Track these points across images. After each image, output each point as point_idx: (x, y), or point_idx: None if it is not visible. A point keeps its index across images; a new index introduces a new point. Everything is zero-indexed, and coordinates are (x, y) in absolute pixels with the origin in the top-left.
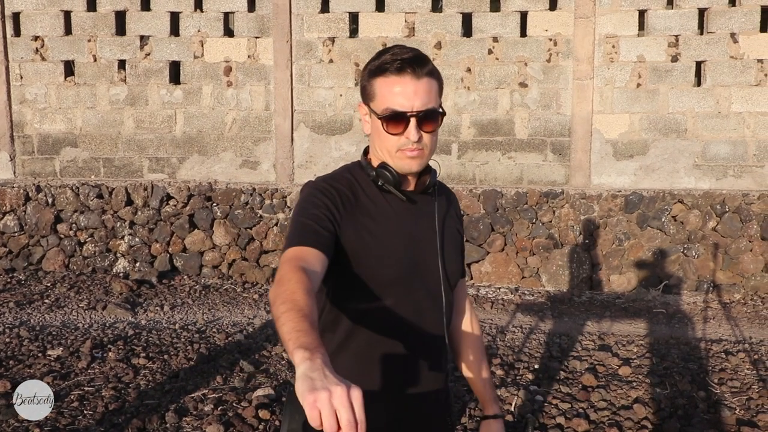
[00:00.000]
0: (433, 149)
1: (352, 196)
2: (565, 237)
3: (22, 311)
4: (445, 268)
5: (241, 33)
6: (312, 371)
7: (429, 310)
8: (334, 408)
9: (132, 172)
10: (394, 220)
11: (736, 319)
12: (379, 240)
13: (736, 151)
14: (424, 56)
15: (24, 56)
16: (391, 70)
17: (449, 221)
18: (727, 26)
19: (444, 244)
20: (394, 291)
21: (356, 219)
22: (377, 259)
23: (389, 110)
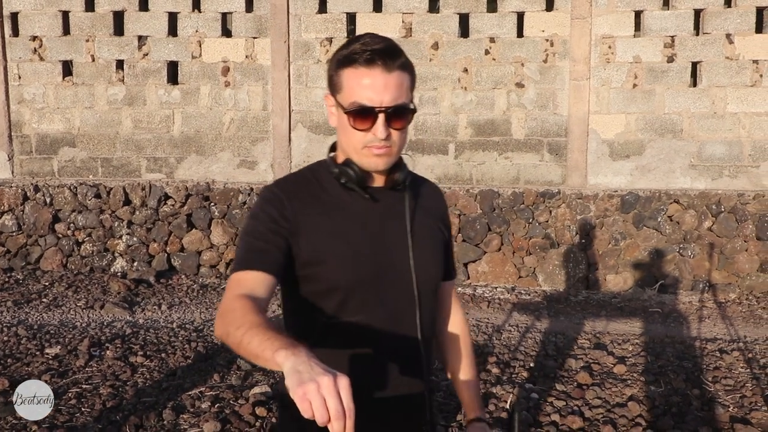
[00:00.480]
0: (402, 146)
1: (310, 198)
2: (561, 237)
3: (20, 310)
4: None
5: (239, 33)
6: (299, 365)
7: (402, 313)
8: (324, 398)
9: (130, 171)
10: (359, 219)
11: (731, 319)
12: (342, 241)
13: (731, 151)
14: (396, 47)
15: (22, 56)
16: (361, 61)
17: (426, 218)
18: (722, 27)
19: (418, 244)
20: (361, 294)
21: (314, 222)
22: (341, 262)
23: (356, 104)
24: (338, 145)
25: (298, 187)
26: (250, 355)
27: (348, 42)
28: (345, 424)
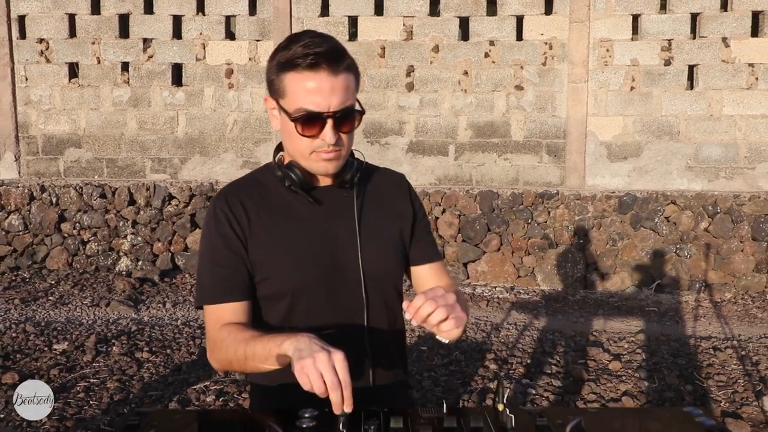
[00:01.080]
0: (350, 148)
1: (255, 205)
2: (560, 237)
3: (27, 308)
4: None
5: (243, 36)
6: (300, 345)
7: (351, 313)
8: (320, 372)
9: (135, 172)
10: (305, 222)
11: (726, 318)
12: (286, 246)
13: (727, 153)
14: (340, 48)
15: (29, 58)
16: (304, 65)
17: (378, 212)
18: (719, 31)
19: (367, 240)
20: (308, 299)
21: (260, 229)
22: (285, 267)
23: (303, 111)
24: (285, 148)
25: (244, 194)
26: (259, 361)
27: (287, 42)
28: (342, 394)
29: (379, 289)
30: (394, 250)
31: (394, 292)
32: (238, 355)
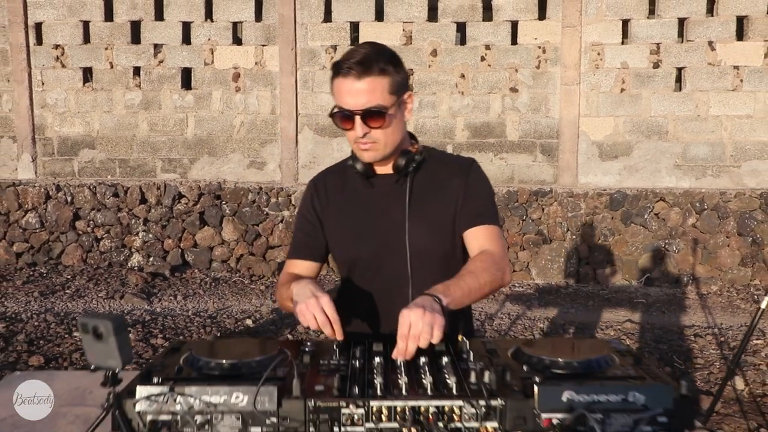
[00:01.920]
0: (388, 142)
1: (333, 187)
2: (553, 233)
3: (46, 300)
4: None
5: (249, 41)
6: (298, 292)
7: (397, 281)
8: (313, 313)
9: (146, 172)
10: (364, 203)
11: (711, 308)
12: (349, 221)
13: (714, 152)
14: (370, 57)
15: (45, 63)
16: (341, 72)
17: (430, 196)
18: (705, 35)
19: (415, 221)
20: (360, 268)
21: (331, 208)
22: (344, 241)
23: (337, 108)
24: None
25: (329, 178)
26: (286, 302)
27: (343, 54)
28: (332, 328)
29: (424, 266)
30: (443, 230)
31: (441, 268)
32: (281, 298)
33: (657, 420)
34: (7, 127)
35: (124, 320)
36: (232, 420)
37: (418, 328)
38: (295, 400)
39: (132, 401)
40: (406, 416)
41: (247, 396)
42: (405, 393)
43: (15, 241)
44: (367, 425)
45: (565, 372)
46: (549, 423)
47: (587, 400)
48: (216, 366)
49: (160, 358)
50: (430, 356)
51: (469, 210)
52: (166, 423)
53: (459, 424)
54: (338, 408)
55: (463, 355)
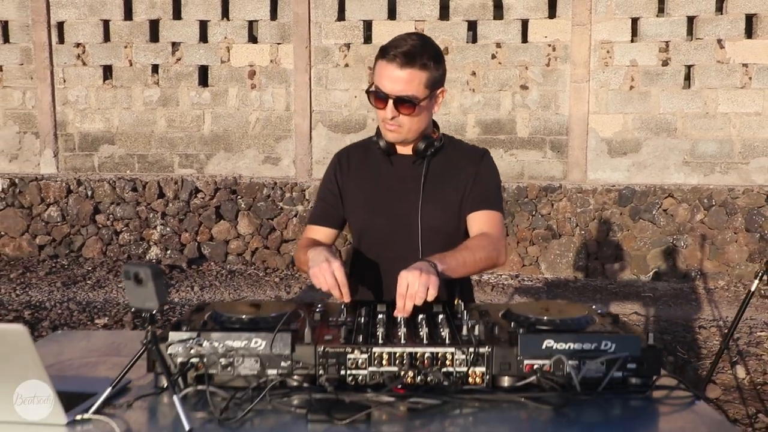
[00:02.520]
0: (413, 129)
1: (356, 162)
2: (562, 228)
3: (68, 290)
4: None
5: (264, 39)
6: (312, 257)
7: (406, 253)
8: (324, 276)
9: (164, 167)
10: (383, 179)
11: (717, 302)
12: (366, 194)
13: (722, 149)
14: (417, 52)
15: (67, 61)
16: (387, 56)
17: (445, 180)
18: (714, 33)
19: (428, 201)
20: (371, 237)
21: (351, 181)
22: (359, 211)
23: (375, 87)
24: None
25: (353, 152)
26: (303, 265)
27: (393, 39)
28: (341, 290)
29: (432, 242)
30: (453, 211)
31: (447, 246)
32: (300, 260)
33: (627, 366)
34: (31, 123)
35: (161, 268)
36: (252, 362)
37: (414, 287)
38: (306, 345)
39: (165, 345)
40: (404, 361)
41: (264, 341)
42: (403, 341)
43: (38, 234)
44: (370, 369)
45: (547, 328)
46: (530, 368)
47: (564, 348)
48: (237, 320)
49: (186, 315)
50: (428, 314)
51: (475, 195)
52: (194, 365)
53: (451, 368)
54: (344, 353)
55: (457, 315)
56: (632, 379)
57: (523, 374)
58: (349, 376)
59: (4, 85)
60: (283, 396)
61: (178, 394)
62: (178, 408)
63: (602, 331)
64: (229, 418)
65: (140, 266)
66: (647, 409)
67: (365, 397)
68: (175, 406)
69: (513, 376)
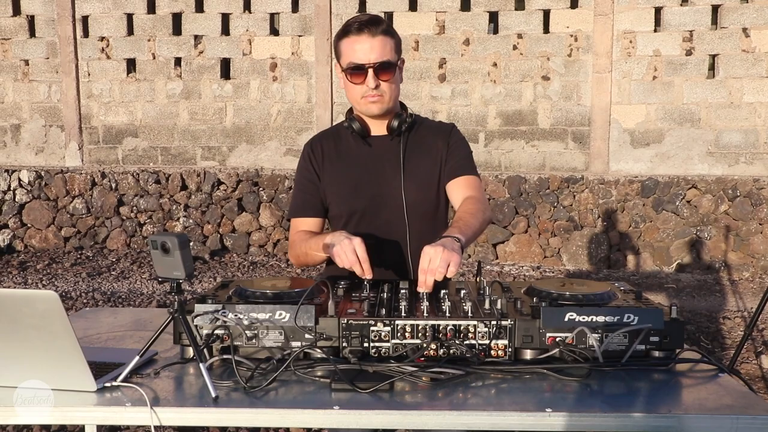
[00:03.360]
0: (393, 96)
1: (329, 148)
2: (584, 219)
3: (93, 281)
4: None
5: (286, 32)
6: (333, 238)
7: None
8: (346, 253)
9: (186, 159)
10: (361, 161)
11: (741, 293)
12: (344, 180)
13: (747, 139)
14: (379, 18)
15: (91, 55)
16: (352, 31)
17: (421, 154)
18: (739, 21)
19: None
20: (356, 220)
21: (329, 166)
22: (342, 196)
23: (351, 63)
24: (349, 101)
25: (324, 140)
26: (314, 252)
27: (344, 24)
28: (362, 267)
29: (419, 216)
30: (431, 185)
31: (430, 219)
32: (303, 250)
33: (650, 339)
34: (56, 116)
35: (188, 238)
36: (276, 335)
37: (435, 263)
38: (330, 318)
39: (191, 317)
40: (427, 333)
41: (288, 314)
42: (426, 314)
43: (63, 226)
44: (393, 341)
45: (569, 302)
46: (553, 341)
47: (587, 320)
48: (261, 294)
49: (212, 290)
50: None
51: (451, 164)
52: (219, 336)
53: (473, 341)
54: (368, 325)
55: (480, 290)
56: (655, 352)
57: (545, 347)
58: (372, 348)
59: (30, 79)
60: (307, 367)
61: (204, 363)
62: (205, 376)
63: (625, 304)
64: (255, 387)
65: (167, 235)
66: (670, 381)
67: (388, 368)
68: (200, 375)
69: (535, 349)
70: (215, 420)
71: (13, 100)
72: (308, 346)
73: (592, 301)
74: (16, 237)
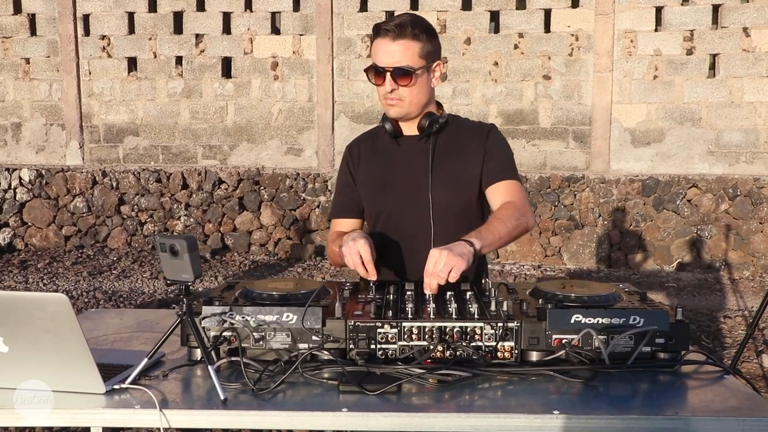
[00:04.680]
0: (413, 101)
1: (366, 149)
2: (585, 219)
3: (94, 280)
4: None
5: (287, 31)
6: (345, 239)
7: (420, 230)
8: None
9: (187, 158)
10: (392, 161)
11: (742, 293)
12: (377, 178)
13: (748, 138)
14: (408, 24)
15: (92, 53)
16: (380, 33)
17: (452, 156)
18: (739, 21)
19: (438, 177)
20: (385, 218)
21: (363, 167)
22: (371, 195)
23: (372, 64)
24: None
25: (362, 142)
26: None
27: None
28: (366, 267)
29: (447, 218)
30: (463, 186)
31: (460, 221)
32: (333, 249)
33: (655, 341)
34: (57, 115)
35: (196, 240)
36: (283, 336)
37: (438, 266)
38: (337, 320)
39: (198, 319)
40: (434, 335)
41: (296, 316)
42: (433, 316)
43: (64, 225)
44: (400, 343)
45: (575, 304)
46: (559, 342)
47: (593, 322)
48: (268, 296)
49: (217, 292)
50: (456, 291)
51: (490, 168)
52: (227, 338)
53: (480, 343)
54: (374, 327)
55: (485, 292)
56: (661, 354)
57: (551, 348)
58: (379, 350)
59: (31, 77)
60: (315, 369)
61: (212, 365)
62: (214, 378)
63: (630, 306)
64: (263, 389)
65: (176, 238)
66: (676, 383)
67: (395, 370)
68: (208, 377)
69: (541, 351)
70: (224, 422)
71: (13, 98)
72: (316, 348)
73: (598, 303)
74: (16, 236)
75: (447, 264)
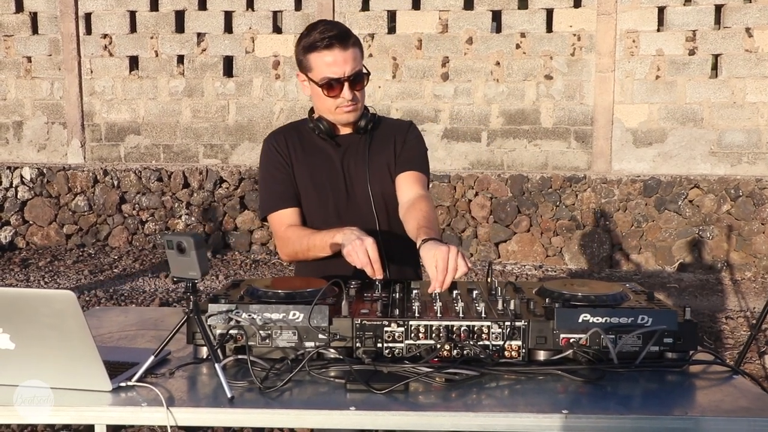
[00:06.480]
0: (363, 100)
1: (294, 146)
2: (586, 219)
3: (95, 278)
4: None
5: (289, 30)
6: (345, 236)
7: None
8: (358, 254)
9: (189, 157)
10: (328, 160)
11: (744, 293)
12: (314, 176)
13: (750, 139)
14: (346, 30)
15: (94, 52)
16: (322, 47)
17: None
18: (742, 21)
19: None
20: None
21: (300, 162)
22: (310, 193)
23: (326, 78)
24: (315, 108)
25: (287, 136)
26: (319, 250)
27: (307, 31)
28: (373, 267)
29: (386, 207)
30: (392, 176)
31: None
32: (303, 247)
33: (663, 341)
34: (58, 113)
35: (203, 238)
36: (289, 335)
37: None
38: (343, 318)
39: (204, 317)
40: (441, 334)
41: (302, 314)
42: (440, 315)
43: (65, 224)
44: (407, 342)
45: (583, 303)
46: (567, 342)
47: (601, 321)
48: (274, 294)
49: (222, 290)
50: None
51: (404, 157)
52: (233, 336)
53: (487, 342)
54: (381, 326)
55: (492, 291)
56: (669, 354)
57: (559, 348)
58: (385, 348)
59: (32, 75)
60: (322, 367)
61: (219, 363)
62: (221, 376)
63: (638, 305)
64: (270, 387)
65: (183, 235)
66: (684, 383)
67: (403, 368)
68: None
69: (549, 350)
70: (231, 420)
71: (15, 97)
72: (322, 346)
73: (606, 303)
74: (18, 234)
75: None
